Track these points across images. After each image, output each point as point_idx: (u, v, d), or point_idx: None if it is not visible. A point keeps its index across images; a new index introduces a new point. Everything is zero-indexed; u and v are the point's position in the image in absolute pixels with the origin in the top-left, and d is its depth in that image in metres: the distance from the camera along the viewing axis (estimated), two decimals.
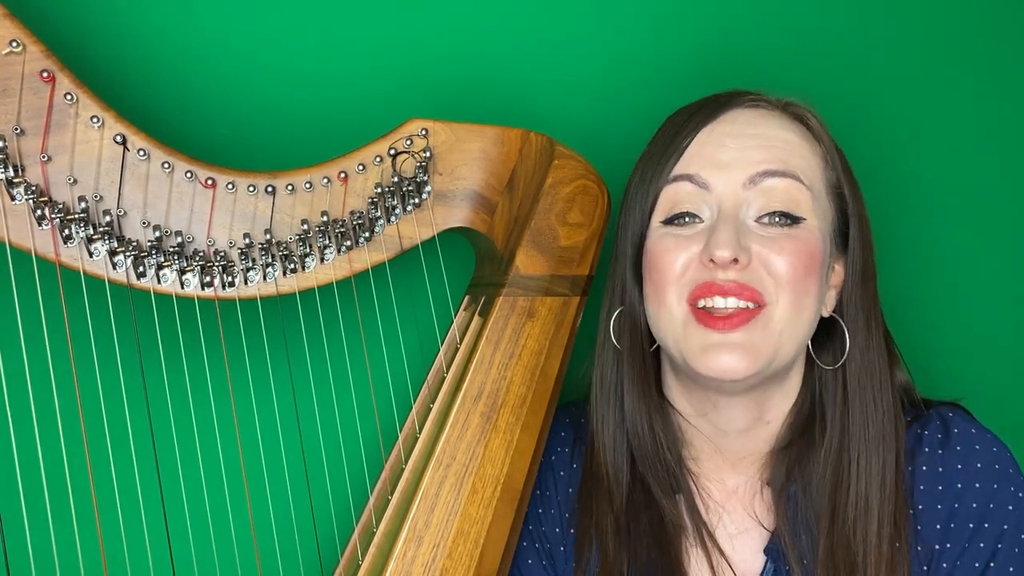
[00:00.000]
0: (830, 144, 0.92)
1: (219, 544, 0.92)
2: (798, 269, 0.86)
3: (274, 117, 1.03)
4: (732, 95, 0.92)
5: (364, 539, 0.91)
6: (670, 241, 0.89)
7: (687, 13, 1.17)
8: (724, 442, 0.96)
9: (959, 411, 0.96)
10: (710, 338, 0.86)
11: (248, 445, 0.93)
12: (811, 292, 0.88)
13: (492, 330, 0.92)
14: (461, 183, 0.93)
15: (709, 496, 0.95)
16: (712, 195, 0.88)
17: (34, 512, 0.80)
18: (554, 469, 0.99)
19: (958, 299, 1.28)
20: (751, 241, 0.86)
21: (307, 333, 0.94)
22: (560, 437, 1.01)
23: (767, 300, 0.86)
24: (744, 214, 0.88)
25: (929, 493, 0.91)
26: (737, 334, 0.85)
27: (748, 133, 0.89)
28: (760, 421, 0.94)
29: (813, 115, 0.93)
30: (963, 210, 1.27)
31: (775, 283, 0.86)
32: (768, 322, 0.86)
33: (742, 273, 0.85)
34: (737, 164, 0.88)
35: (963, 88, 1.26)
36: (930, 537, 0.90)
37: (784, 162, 0.88)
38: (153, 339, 0.86)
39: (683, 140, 0.90)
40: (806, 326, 0.89)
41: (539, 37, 1.12)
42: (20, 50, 0.77)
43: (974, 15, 1.25)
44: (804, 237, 0.87)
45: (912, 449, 0.93)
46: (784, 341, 0.87)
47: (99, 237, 0.80)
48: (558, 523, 0.97)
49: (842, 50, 1.22)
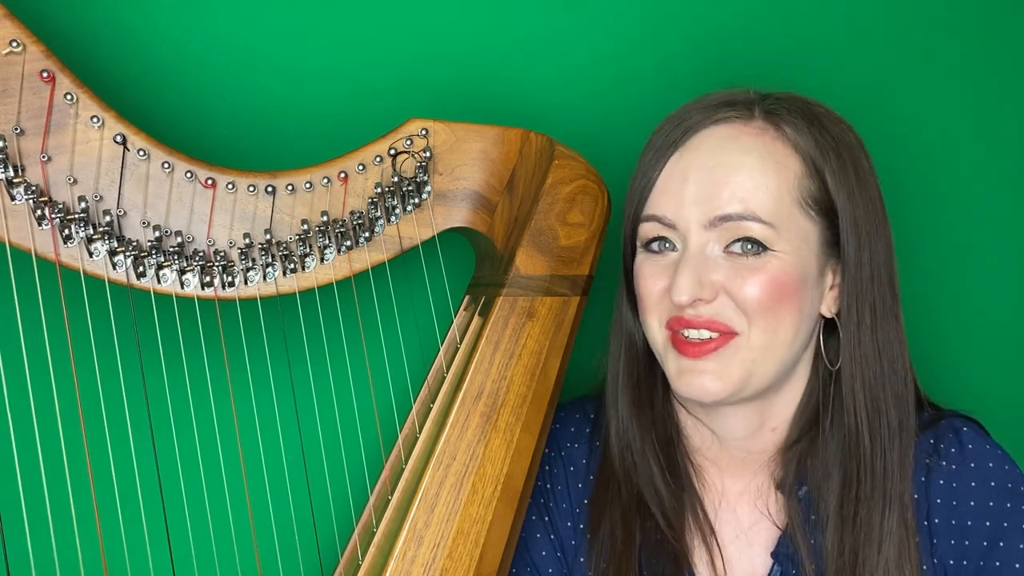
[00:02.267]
0: (812, 150, 0.89)
1: (219, 544, 0.92)
2: (764, 298, 0.86)
3: (274, 117, 1.03)
4: (708, 110, 0.91)
5: (364, 539, 0.91)
6: (649, 268, 0.92)
7: (687, 13, 1.17)
8: (727, 446, 0.96)
9: (972, 425, 0.96)
10: (683, 363, 0.89)
11: (248, 445, 0.93)
12: (785, 318, 0.88)
13: (492, 330, 0.92)
14: (461, 183, 0.93)
15: (715, 493, 0.96)
16: (679, 232, 0.89)
17: (34, 512, 0.80)
18: (565, 464, 1.00)
19: (963, 300, 1.28)
20: (717, 273, 0.87)
21: (307, 333, 0.94)
22: (571, 432, 1.01)
23: (736, 329, 0.87)
24: (711, 250, 0.88)
25: (944, 507, 0.91)
26: (709, 361, 0.87)
27: (712, 164, 0.88)
28: (763, 428, 0.95)
29: (794, 120, 0.89)
30: (966, 210, 1.27)
31: (743, 313, 0.87)
32: (739, 349, 0.87)
33: (709, 307, 0.87)
34: (698, 203, 0.88)
35: (965, 87, 1.26)
36: (945, 552, 0.91)
37: (743, 202, 0.86)
38: (153, 339, 0.86)
39: (654, 169, 0.91)
40: (785, 349, 0.89)
41: (539, 37, 1.12)
42: (20, 50, 0.77)
43: (984, 10, 1.25)
44: (773, 266, 0.87)
45: (928, 460, 0.93)
46: (758, 366, 0.88)
47: (99, 237, 0.80)
48: (569, 517, 0.98)
49: (843, 49, 1.22)
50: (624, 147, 1.03)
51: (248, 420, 0.93)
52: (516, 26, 1.11)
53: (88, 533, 0.82)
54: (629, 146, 1.00)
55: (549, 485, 0.99)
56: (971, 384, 1.26)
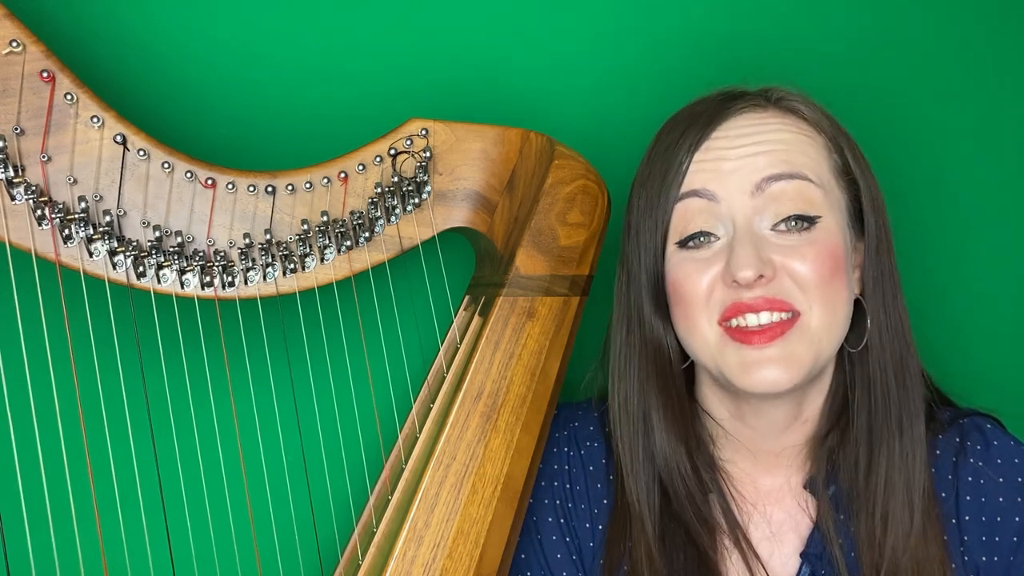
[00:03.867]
0: (831, 128, 0.90)
1: (219, 544, 0.92)
2: (824, 274, 0.84)
3: (274, 117, 1.03)
4: (720, 105, 0.90)
5: (364, 539, 0.91)
6: (690, 266, 0.87)
7: (688, 13, 1.17)
8: (760, 443, 0.94)
9: (994, 423, 0.95)
10: (748, 355, 0.84)
11: (248, 445, 0.93)
12: (840, 291, 0.86)
13: (492, 330, 0.92)
14: (461, 183, 0.93)
15: (743, 499, 0.94)
16: (723, 207, 0.86)
17: (34, 512, 0.80)
18: (584, 463, 0.98)
19: (967, 297, 1.27)
20: (771, 252, 0.85)
21: (307, 333, 0.94)
22: (590, 431, 0.99)
23: (799, 308, 0.84)
24: (759, 225, 0.86)
25: (974, 504, 0.91)
26: (774, 348, 0.84)
27: (746, 141, 0.87)
28: (797, 421, 0.93)
29: (805, 102, 0.90)
30: (966, 209, 1.27)
31: (803, 291, 0.84)
32: (805, 332, 0.85)
33: (768, 287, 0.84)
34: (741, 171, 0.86)
35: (965, 87, 1.26)
36: (976, 549, 0.90)
37: (788, 163, 0.86)
38: (153, 339, 0.86)
39: (682, 162, 0.88)
40: (842, 324, 0.87)
41: (539, 37, 1.12)
42: (20, 50, 0.77)
43: (987, 10, 1.25)
44: (823, 238, 0.86)
45: (955, 459, 0.92)
46: (824, 346, 0.86)
47: (99, 237, 0.80)
48: (587, 518, 0.96)
49: (846, 49, 1.22)
50: (624, 147, 1.03)
51: (248, 420, 0.93)
52: (516, 26, 1.11)
53: (88, 533, 0.82)
54: (629, 146, 1.00)
55: (568, 485, 0.97)
56: (977, 379, 1.25)
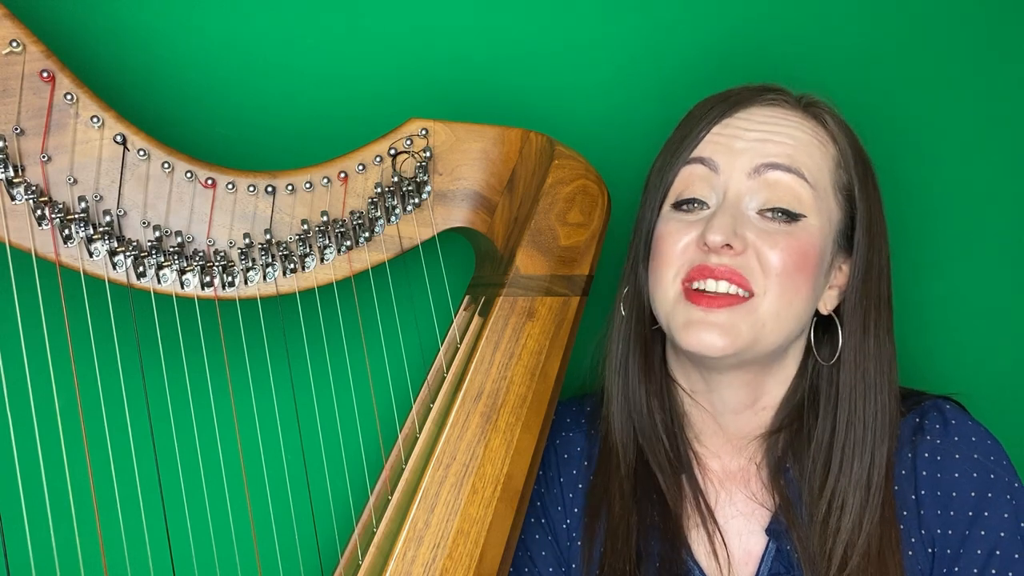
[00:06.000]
0: (847, 146, 0.94)
1: (219, 544, 0.92)
2: (788, 265, 0.89)
3: (274, 117, 1.03)
4: (753, 91, 0.95)
5: (364, 539, 0.91)
6: (674, 224, 0.92)
7: (688, 13, 1.17)
8: (723, 421, 0.98)
9: (954, 404, 0.98)
10: (694, 314, 0.89)
11: (248, 445, 0.93)
12: (801, 289, 0.90)
13: (492, 330, 0.92)
14: (461, 183, 0.93)
15: (711, 475, 0.98)
16: (720, 179, 0.91)
17: (34, 512, 0.80)
18: (558, 452, 1.01)
19: (961, 300, 1.27)
20: (748, 231, 0.89)
21: (307, 333, 0.94)
22: (566, 423, 1.03)
23: (755, 290, 0.88)
24: (746, 204, 0.90)
25: (930, 479, 0.93)
26: (720, 314, 0.88)
27: (761, 128, 0.92)
28: (755, 406, 0.97)
29: (832, 116, 0.95)
30: (969, 210, 1.27)
31: (764, 275, 0.89)
32: (753, 312, 0.88)
33: (735, 259, 0.88)
34: (747, 152, 0.91)
35: (968, 87, 1.26)
36: (932, 522, 0.93)
37: (790, 158, 0.90)
38: (153, 339, 0.87)
39: (700, 131, 0.93)
40: (794, 321, 0.91)
41: (539, 37, 1.12)
42: (20, 50, 0.77)
43: (989, 13, 1.25)
44: (801, 236, 0.90)
45: (913, 437, 0.95)
46: (768, 332, 0.89)
47: (99, 237, 0.80)
48: (559, 501, 0.99)
49: (847, 49, 1.22)
50: (625, 147, 1.03)
51: (248, 420, 0.93)
52: (516, 26, 1.11)
53: (88, 533, 0.82)
54: (630, 146, 1.00)
55: (541, 472, 1.00)
56: (969, 382, 1.25)
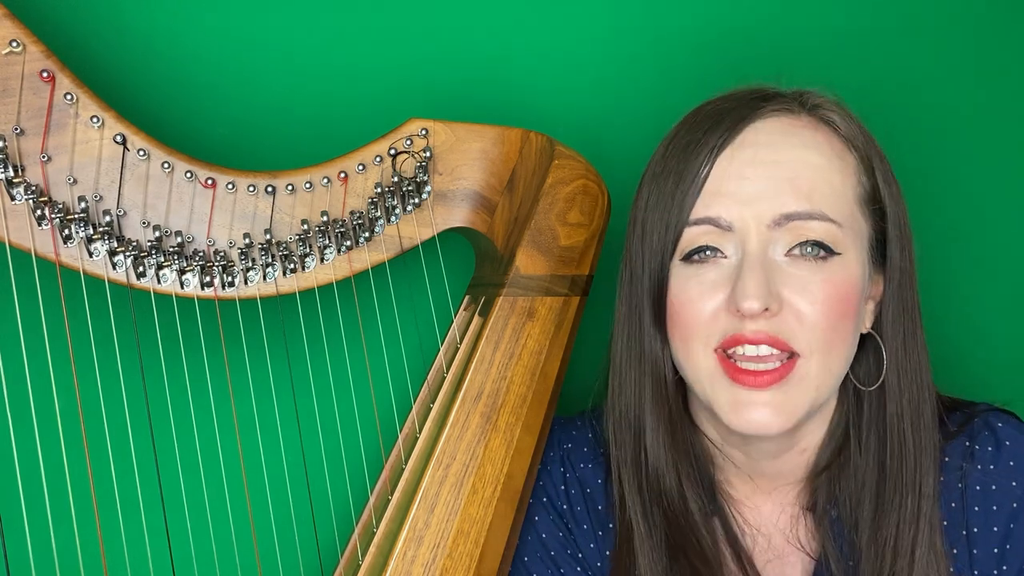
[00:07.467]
0: (864, 146, 0.85)
1: (219, 544, 0.92)
2: (831, 317, 0.80)
3: (274, 117, 1.03)
4: (751, 103, 0.85)
5: (364, 539, 0.91)
6: (694, 289, 0.82)
7: (688, 12, 1.17)
8: (756, 469, 0.90)
9: (1009, 418, 0.90)
10: (740, 395, 0.81)
11: (248, 445, 0.93)
12: (846, 335, 0.82)
13: (492, 330, 0.92)
14: (461, 183, 0.93)
15: (745, 521, 0.91)
16: (735, 235, 0.82)
17: (34, 512, 0.80)
18: (581, 485, 0.94)
19: (990, 298, 1.27)
20: (781, 284, 0.80)
21: (307, 333, 0.94)
22: (583, 452, 0.96)
23: (797, 349, 0.80)
24: (772, 251, 0.81)
25: (983, 514, 0.86)
26: (768, 393, 0.80)
27: (771, 160, 0.82)
28: (793, 450, 0.89)
29: (841, 114, 0.85)
30: (983, 208, 1.26)
31: (806, 333, 0.80)
32: (802, 379, 0.81)
33: (771, 322, 0.80)
34: (762, 200, 0.81)
35: (975, 83, 1.25)
36: (987, 562, 0.86)
37: (810, 200, 0.81)
38: (153, 339, 0.86)
39: (701, 168, 0.82)
40: (842, 367, 0.83)
41: (539, 37, 1.12)
42: (20, 50, 0.77)
43: (994, 9, 1.25)
44: (838, 276, 0.81)
45: (963, 466, 0.87)
46: (821, 392, 0.82)
47: (99, 237, 0.80)
48: (592, 539, 0.93)
49: (848, 47, 1.22)
50: (625, 147, 1.03)
51: (248, 420, 0.93)
52: (516, 26, 1.11)
53: (88, 533, 0.82)
54: (629, 146, 1.00)
55: (567, 506, 0.94)
56: (993, 384, 1.24)
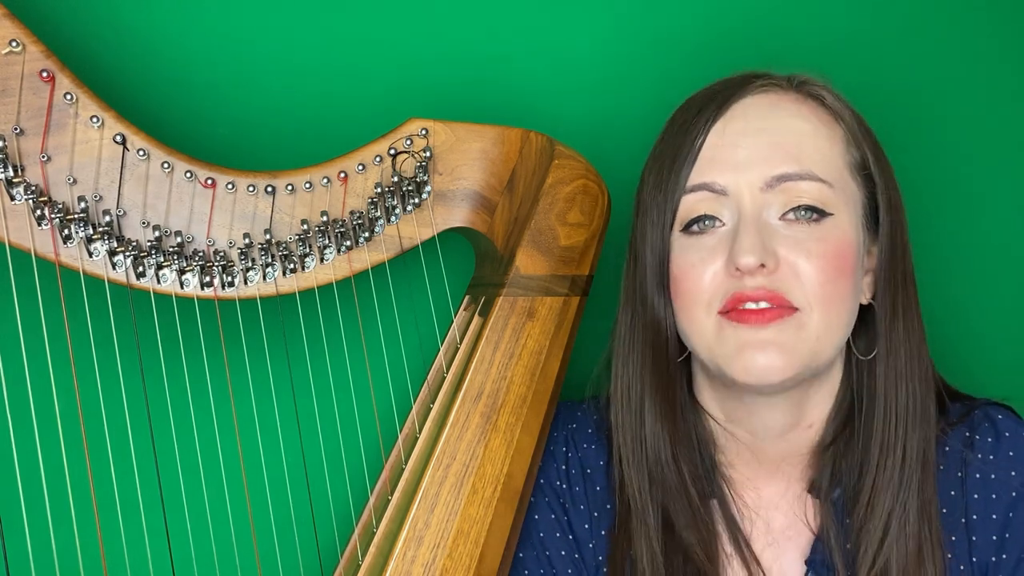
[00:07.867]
0: (852, 120, 0.88)
1: (219, 545, 0.92)
2: (828, 273, 0.83)
3: (274, 117, 1.03)
4: (741, 81, 0.89)
5: (364, 539, 0.91)
6: (693, 256, 0.86)
7: (688, 13, 1.17)
8: (761, 447, 0.91)
9: (1008, 412, 0.92)
10: (743, 336, 0.82)
11: (248, 445, 0.93)
12: (845, 294, 0.84)
13: (492, 330, 0.92)
14: (461, 183, 0.93)
15: (744, 504, 0.92)
16: (730, 199, 0.85)
17: (34, 513, 0.80)
18: (582, 465, 0.96)
19: (983, 295, 1.26)
20: (777, 244, 0.83)
21: (307, 333, 0.94)
22: (588, 433, 0.97)
23: (797, 304, 0.83)
24: (767, 214, 0.84)
25: (983, 502, 0.88)
26: (770, 330, 0.82)
27: (761, 128, 0.86)
28: (800, 425, 0.91)
29: (829, 91, 0.89)
30: (983, 207, 1.26)
31: (805, 290, 0.83)
32: (802, 327, 0.83)
33: (770, 279, 0.82)
34: (753, 164, 0.84)
35: (975, 83, 1.24)
36: (985, 549, 0.87)
37: (799, 161, 0.84)
38: (153, 339, 0.86)
39: (695, 140, 0.87)
40: (844, 327, 0.86)
41: (539, 37, 1.12)
42: (20, 50, 0.77)
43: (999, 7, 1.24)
44: (833, 235, 0.84)
45: (964, 456, 0.89)
46: (822, 345, 0.84)
47: (99, 237, 0.80)
48: (587, 519, 0.94)
49: (848, 48, 1.21)
50: (624, 147, 1.03)
51: (248, 420, 0.93)
52: (516, 26, 1.11)
53: (88, 533, 0.82)
54: (629, 146, 1.00)
55: (566, 486, 0.95)
56: (993, 378, 1.24)
